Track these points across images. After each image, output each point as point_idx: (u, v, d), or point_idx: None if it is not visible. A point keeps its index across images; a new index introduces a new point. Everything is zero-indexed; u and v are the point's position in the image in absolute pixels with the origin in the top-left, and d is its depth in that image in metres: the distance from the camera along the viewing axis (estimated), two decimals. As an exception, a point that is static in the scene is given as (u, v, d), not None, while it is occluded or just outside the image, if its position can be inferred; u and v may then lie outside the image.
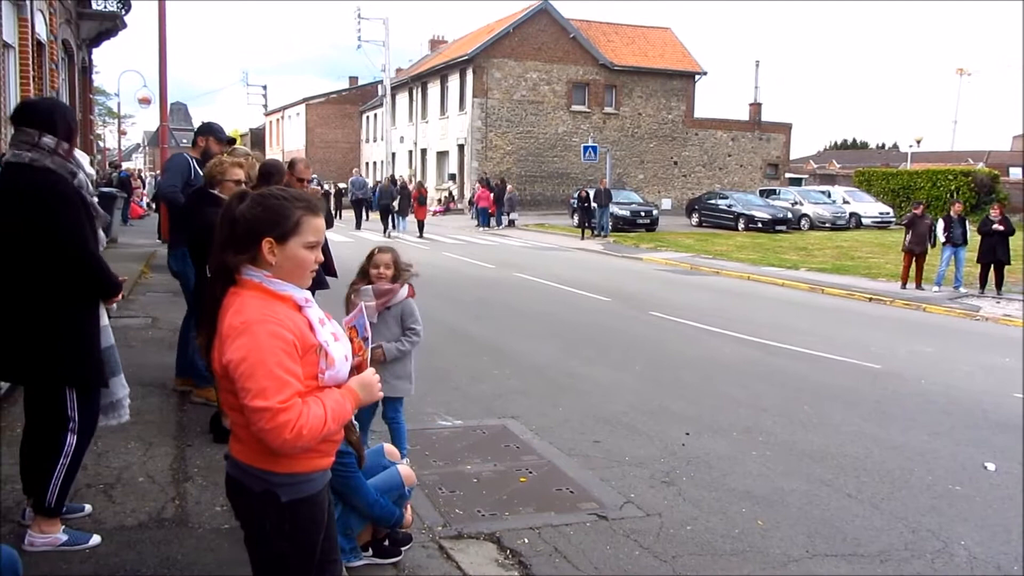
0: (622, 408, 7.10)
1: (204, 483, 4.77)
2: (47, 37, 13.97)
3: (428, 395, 7.02)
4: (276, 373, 2.18)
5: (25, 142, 3.60)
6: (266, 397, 2.16)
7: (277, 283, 2.31)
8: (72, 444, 3.79)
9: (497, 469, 5.39)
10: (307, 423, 2.19)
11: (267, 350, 2.20)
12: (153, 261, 14.25)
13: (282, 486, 2.34)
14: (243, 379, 2.18)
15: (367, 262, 4.88)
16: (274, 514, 2.36)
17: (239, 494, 2.43)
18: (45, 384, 3.76)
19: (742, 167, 45.41)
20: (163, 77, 17.99)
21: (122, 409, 4.15)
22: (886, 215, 33.37)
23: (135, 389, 6.33)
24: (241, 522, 2.50)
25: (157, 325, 9.03)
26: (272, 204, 2.32)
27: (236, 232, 2.32)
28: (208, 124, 6.67)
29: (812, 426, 6.84)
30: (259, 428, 2.18)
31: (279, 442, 2.19)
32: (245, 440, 2.34)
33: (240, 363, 2.19)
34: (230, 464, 2.44)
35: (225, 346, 2.23)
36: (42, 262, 3.61)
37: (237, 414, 2.31)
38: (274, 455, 2.29)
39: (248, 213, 2.31)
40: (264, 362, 2.18)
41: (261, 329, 2.22)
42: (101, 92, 42.91)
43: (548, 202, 40.42)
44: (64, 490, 3.83)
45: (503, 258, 20.16)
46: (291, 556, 2.41)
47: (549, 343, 9.87)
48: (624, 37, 44.52)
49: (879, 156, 72.48)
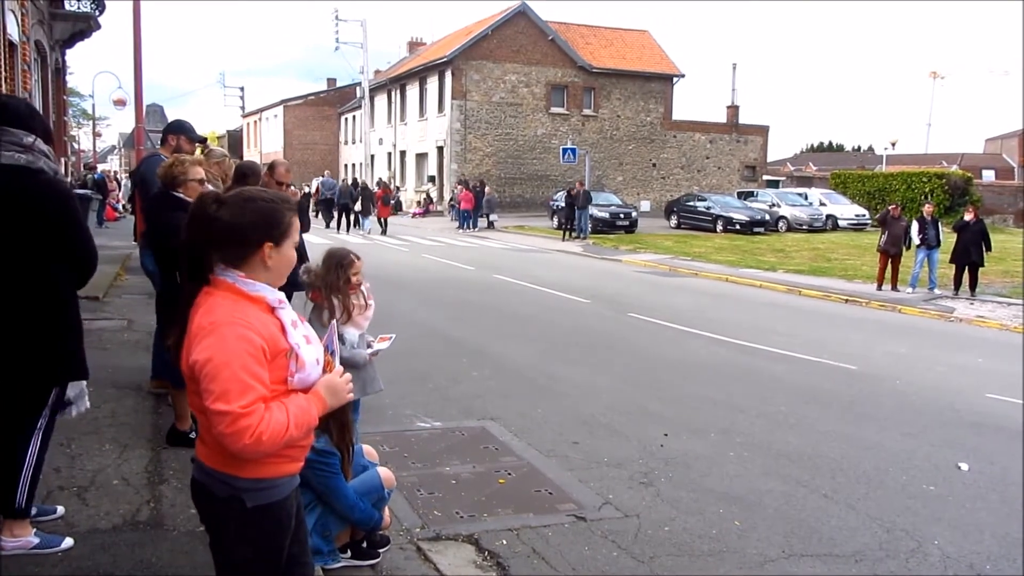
0: (601, 409, 7.12)
1: (179, 486, 4.72)
2: (19, 38, 13.80)
3: (407, 397, 7.01)
4: (240, 376, 2.15)
5: (14, 143, 3.58)
6: (228, 401, 2.13)
7: (250, 284, 2.29)
8: (37, 445, 3.75)
9: (476, 471, 5.38)
10: (267, 429, 2.16)
11: (233, 352, 2.16)
12: (128, 263, 14.11)
13: (247, 491, 2.31)
14: (207, 380, 2.15)
15: (345, 271, 4.36)
16: (238, 519, 2.32)
17: (204, 498, 2.39)
18: (37, 384, 3.72)
19: (720, 169, 45.69)
20: (138, 78, 17.82)
21: (84, 396, 4.10)
22: (862, 217, 33.69)
23: (110, 391, 6.31)
24: (206, 526, 2.48)
25: (132, 327, 8.95)
26: (265, 208, 2.30)
27: (225, 236, 2.27)
28: (178, 122, 6.60)
29: (789, 427, 6.89)
30: (219, 432, 2.15)
31: (238, 447, 2.15)
32: (210, 444, 2.30)
33: (205, 364, 2.16)
34: (196, 468, 2.40)
35: (192, 346, 2.21)
36: (47, 262, 3.62)
37: (203, 416, 2.26)
38: (238, 460, 2.25)
39: (242, 218, 2.27)
40: (229, 364, 2.15)
41: (229, 331, 2.19)
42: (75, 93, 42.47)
43: (528, 204, 40.47)
44: (32, 491, 3.78)
45: (483, 260, 20.15)
46: (255, 562, 2.38)
47: (528, 345, 9.88)
48: (602, 39, 44.68)
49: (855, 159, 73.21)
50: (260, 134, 65.40)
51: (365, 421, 5.61)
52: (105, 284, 11.26)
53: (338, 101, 59.01)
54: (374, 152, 48.09)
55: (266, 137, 63.48)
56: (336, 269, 4.28)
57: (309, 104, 59.88)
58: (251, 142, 67.76)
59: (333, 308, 4.22)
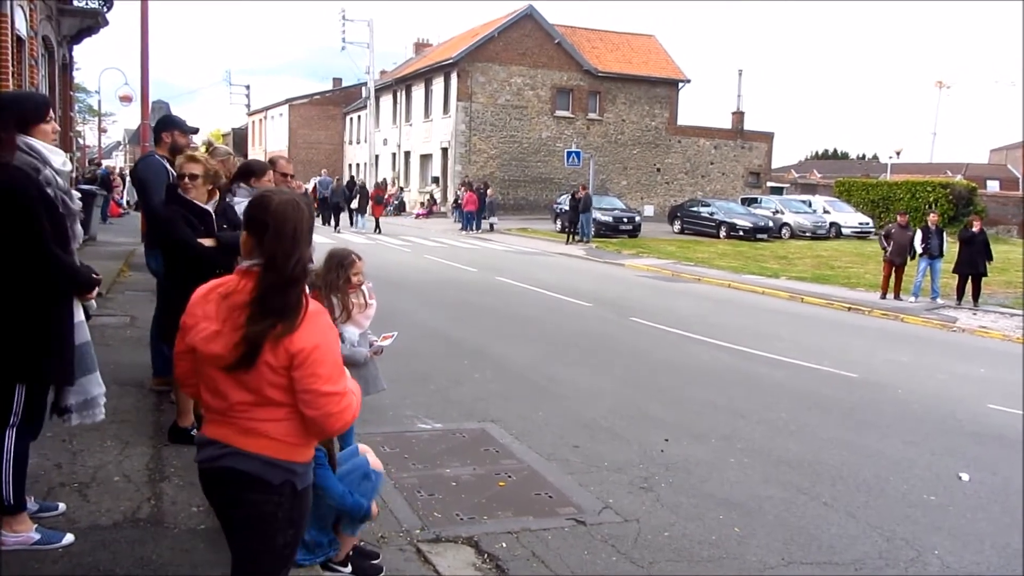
0: (602, 413, 7.12)
1: (181, 483, 4.74)
2: (27, 33, 13.83)
3: (408, 398, 7.01)
4: (338, 360, 2.45)
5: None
6: (335, 382, 2.40)
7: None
8: (12, 443, 3.71)
9: (476, 473, 5.38)
10: (357, 406, 2.49)
11: (331, 339, 2.44)
12: (132, 259, 14.13)
13: (298, 475, 2.52)
14: (315, 365, 2.36)
15: (346, 270, 4.39)
16: (289, 503, 2.51)
17: (256, 489, 2.47)
18: (4, 382, 3.67)
19: (724, 175, 45.67)
20: (145, 75, 17.86)
21: (97, 408, 4.08)
22: (866, 225, 33.65)
23: (112, 388, 6.27)
24: (248, 517, 2.52)
25: (135, 324, 8.96)
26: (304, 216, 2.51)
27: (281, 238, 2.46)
28: (168, 118, 6.57)
29: (790, 433, 6.89)
30: (325, 412, 2.38)
31: (341, 423, 2.43)
32: (274, 435, 2.45)
33: (313, 351, 2.36)
34: (239, 459, 2.45)
35: (295, 337, 2.35)
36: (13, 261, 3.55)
37: (264, 410, 2.41)
38: (296, 446, 2.48)
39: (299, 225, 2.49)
40: (332, 349, 2.42)
41: (322, 320, 2.45)
42: (82, 89, 42.45)
43: (531, 207, 40.47)
44: (19, 486, 3.76)
45: (485, 262, 20.16)
46: (293, 544, 2.61)
47: (530, 347, 9.88)
48: (608, 44, 44.69)
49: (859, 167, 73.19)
50: (265, 133, 65.45)
51: (366, 421, 5.63)
52: (108, 280, 11.27)
53: (343, 101, 59.05)
54: (379, 152, 48.08)
55: (271, 136, 63.54)
56: (336, 269, 4.33)
57: (314, 103, 59.93)
58: (256, 140, 67.82)
59: (332, 307, 4.23)
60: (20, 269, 3.57)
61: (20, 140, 3.61)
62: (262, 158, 25.41)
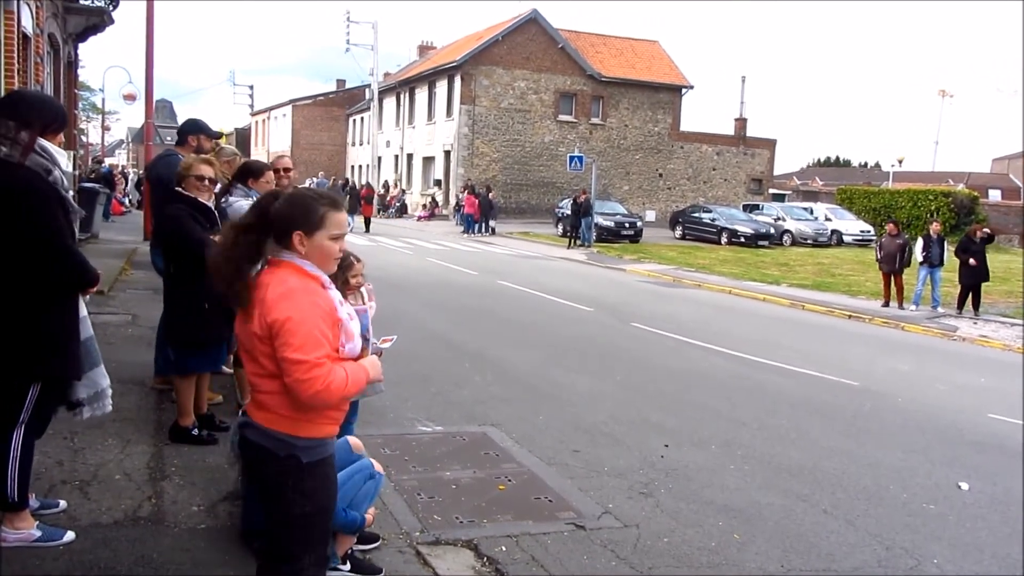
0: (602, 418, 7.12)
1: (181, 482, 4.75)
2: (33, 30, 13.86)
3: (408, 400, 7.02)
4: (314, 333, 2.56)
5: (1, 135, 3.56)
6: (305, 352, 2.52)
7: (309, 264, 2.69)
8: (19, 440, 3.74)
9: (476, 476, 5.38)
10: (333, 381, 2.56)
11: (308, 313, 2.57)
12: (134, 258, 14.15)
13: (304, 449, 2.68)
14: (287, 335, 2.53)
15: (344, 272, 4.32)
16: (296, 475, 2.67)
17: (262, 460, 2.72)
18: (15, 380, 3.71)
19: (726, 181, 45.68)
20: (149, 75, 17.92)
21: (105, 399, 4.12)
22: (867, 233, 33.67)
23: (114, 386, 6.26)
24: (262, 488, 2.81)
25: (137, 322, 8.97)
26: (300, 202, 2.71)
27: (273, 224, 2.69)
28: (196, 122, 6.62)
29: (790, 441, 6.89)
30: (294, 379, 2.53)
31: (309, 393, 2.54)
32: (273, 408, 2.67)
33: (285, 322, 2.54)
34: (253, 431, 2.72)
35: (271, 309, 2.57)
36: (18, 257, 3.57)
37: (267, 381, 2.65)
38: (299, 420, 2.65)
39: (282, 210, 2.69)
40: (305, 322, 2.55)
41: (304, 297, 2.60)
42: (86, 87, 42.56)
43: (533, 210, 40.48)
44: (23, 484, 3.78)
45: (487, 265, 20.17)
46: (312, 515, 2.73)
47: (531, 351, 9.88)
48: (612, 49, 44.73)
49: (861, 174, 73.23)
50: (268, 133, 65.49)
51: (366, 423, 5.63)
52: (110, 278, 11.28)
53: (347, 102, 59.08)
54: (381, 154, 48.12)
55: (274, 136, 63.57)
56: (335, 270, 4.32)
57: (318, 104, 59.96)
58: (259, 141, 67.85)
59: None
60: (33, 267, 3.59)
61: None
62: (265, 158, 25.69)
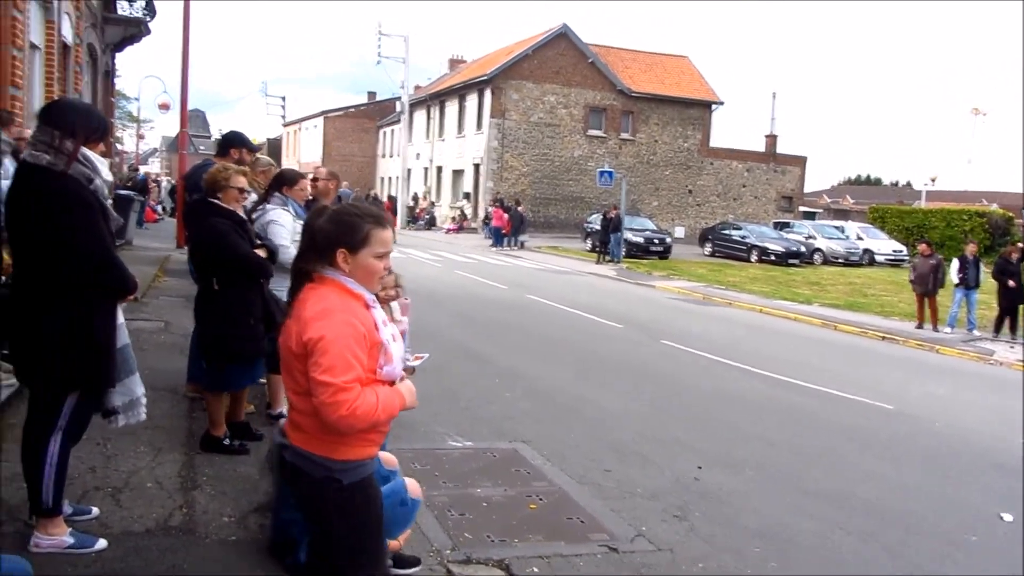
0: (633, 437, 7.03)
1: (212, 492, 4.73)
2: (72, 40, 14.08)
3: (438, 415, 6.97)
4: (345, 355, 2.51)
5: (44, 142, 3.57)
6: (333, 374, 2.48)
7: (352, 282, 2.67)
8: (56, 448, 3.74)
9: (507, 494, 5.32)
10: (361, 406, 2.51)
11: (341, 334, 2.53)
12: (167, 265, 14.27)
13: (342, 471, 2.65)
14: (317, 354, 2.51)
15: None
16: (336, 497, 2.65)
17: (299, 480, 2.70)
18: (52, 389, 3.73)
19: (756, 198, 45.39)
20: (185, 85, 18.13)
21: (140, 407, 4.13)
22: (900, 253, 33.27)
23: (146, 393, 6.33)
24: (303, 509, 2.80)
25: (169, 329, 9.02)
26: (345, 219, 2.68)
27: (316, 242, 2.68)
28: (238, 135, 6.66)
29: (825, 465, 6.76)
30: (320, 400, 2.49)
31: (334, 417, 2.49)
32: (308, 429, 2.64)
33: (318, 340, 2.51)
34: (291, 453, 2.70)
35: (307, 327, 2.55)
36: (60, 265, 3.59)
37: (302, 399, 2.62)
38: (333, 442, 2.62)
39: (326, 227, 2.67)
40: (337, 342, 2.51)
41: (340, 317, 2.57)
42: (122, 96, 43.24)
43: (562, 225, 40.44)
44: (58, 490, 3.78)
45: (516, 279, 20.14)
46: (355, 533, 2.72)
47: (561, 367, 9.82)
48: (642, 64, 44.69)
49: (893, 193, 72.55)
50: (299, 143, 66.12)
51: (397, 437, 5.59)
52: (144, 285, 11.38)
53: (377, 114, 59.51)
54: (411, 167, 48.36)
55: (305, 147, 64.15)
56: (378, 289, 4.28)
57: (349, 116, 60.44)
58: (290, 151, 68.51)
59: None
60: (75, 275, 3.61)
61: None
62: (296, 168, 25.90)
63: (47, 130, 3.60)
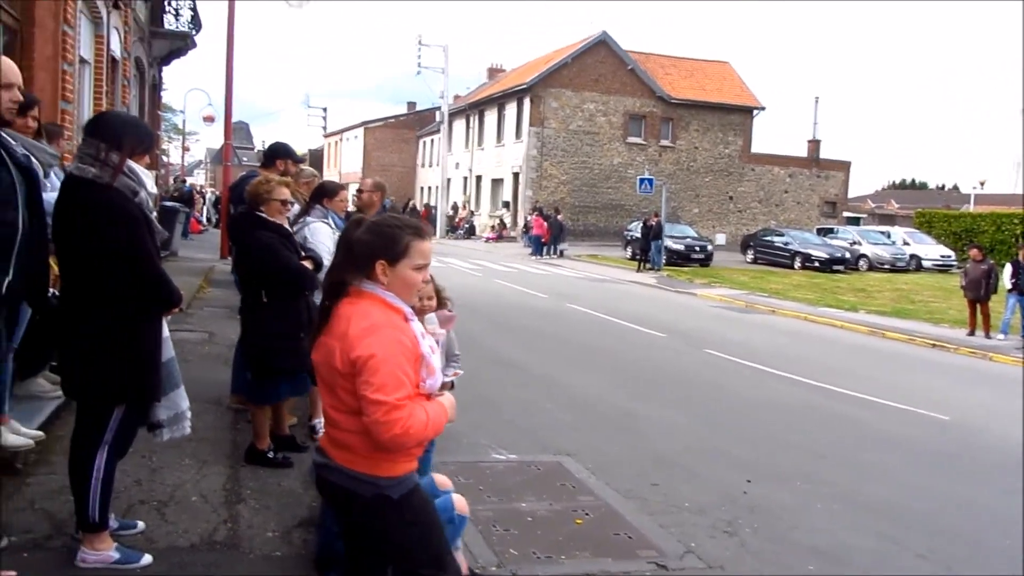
0: (679, 449, 6.91)
1: (257, 506, 4.72)
2: (121, 54, 14.35)
3: (480, 427, 6.91)
4: (396, 373, 2.48)
5: (90, 155, 3.57)
6: (386, 392, 2.45)
7: (392, 296, 2.62)
8: (103, 462, 3.74)
9: (552, 508, 5.24)
10: (413, 424, 2.47)
11: (391, 351, 2.50)
12: (212, 276, 14.43)
13: (390, 487, 2.62)
14: (369, 373, 2.46)
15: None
16: (391, 511, 2.63)
17: (350, 503, 2.68)
18: (99, 403, 3.74)
19: (799, 204, 44.80)
20: (229, 98, 18.37)
21: (185, 421, 4.12)
22: (948, 258, 32.56)
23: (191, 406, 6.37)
24: (356, 529, 2.76)
25: (214, 340, 9.09)
26: (384, 231, 2.64)
27: (353, 254, 2.64)
28: (284, 146, 6.69)
29: (877, 478, 6.56)
30: (374, 419, 2.45)
31: (388, 436, 2.46)
32: (355, 448, 2.60)
33: (369, 359, 2.47)
34: (333, 473, 2.66)
35: (355, 345, 2.50)
36: (106, 278, 3.60)
37: (347, 417, 2.57)
38: (379, 460, 2.59)
39: (364, 238, 2.63)
40: (388, 361, 2.48)
41: (388, 333, 2.53)
42: (168, 109, 44.01)
43: (601, 233, 40.25)
44: (104, 505, 3.78)
45: (556, 288, 20.05)
46: (423, 537, 2.70)
47: (603, 377, 9.71)
48: (682, 70, 44.39)
49: (939, 197, 71.18)
50: (340, 154, 66.79)
51: (441, 449, 5.52)
52: (189, 296, 11.50)
53: (417, 124, 59.88)
54: (450, 176, 48.54)
55: (346, 157, 64.78)
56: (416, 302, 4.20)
57: (389, 126, 60.91)
58: (331, 162, 69.23)
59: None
60: (121, 288, 3.62)
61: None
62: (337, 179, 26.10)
63: (93, 143, 3.61)
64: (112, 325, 3.63)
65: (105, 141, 3.59)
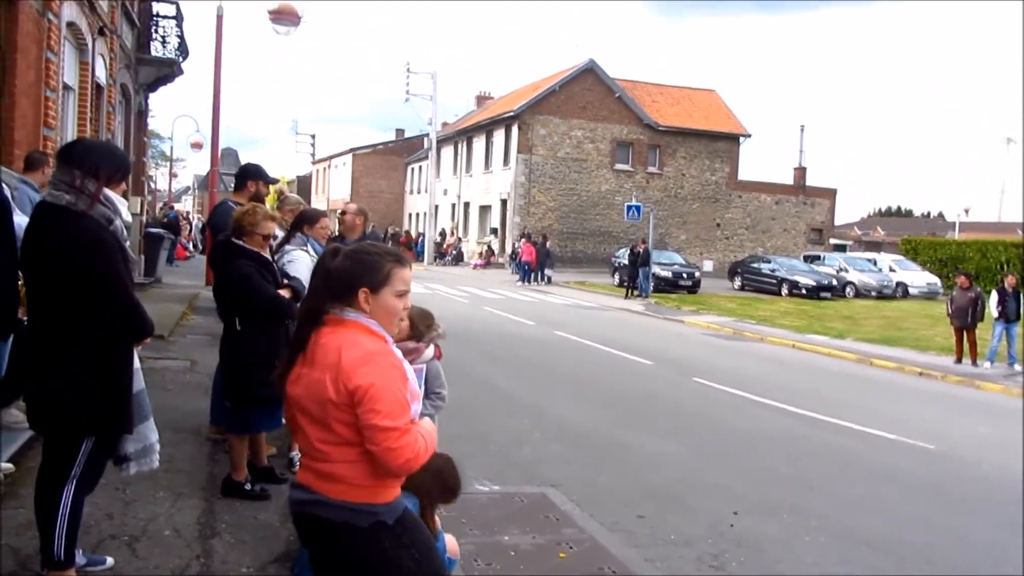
0: (667, 480, 6.81)
1: (232, 540, 4.59)
2: (106, 81, 14.29)
3: (467, 458, 6.71)
4: (399, 398, 2.46)
5: (65, 182, 3.49)
6: (394, 418, 2.42)
7: (374, 323, 2.57)
8: (70, 497, 3.63)
9: (536, 542, 5.12)
10: (422, 447, 2.49)
11: (391, 378, 2.47)
12: (196, 303, 14.29)
13: (383, 513, 2.57)
14: (372, 402, 2.41)
15: (427, 327, 4.26)
16: (388, 536, 2.58)
17: (347, 535, 2.56)
18: (69, 434, 3.62)
19: (786, 231, 45.01)
20: (216, 125, 18.35)
21: (153, 454, 4.00)
22: (934, 285, 32.68)
23: (169, 435, 6.21)
24: (355, 563, 2.61)
25: (195, 369, 8.95)
26: (365, 259, 2.60)
27: (333, 281, 2.58)
28: (255, 167, 6.60)
29: (867, 509, 6.48)
30: (384, 447, 2.42)
31: (400, 461, 2.44)
32: (350, 479, 2.52)
33: (369, 388, 2.42)
34: (323, 508, 2.55)
35: (351, 375, 2.43)
36: (78, 307, 3.50)
37: (342, 449, 2.48)
38: (377, 488, 2.54)
39: (344, 266, 2.58)
40: (390, 387, 2.45)
41: (384, 360, 2.50)
42: (155, 135, 43.99)
43: (589, 260, 40.29)
44: (71, 542, 3.65)
45: (544, 315, 19.97)
46: (423, 556, 2.66)
47: (591, 406, 9.61)
48: (669, 98, 44.73)
49: (925, 224, 71.75)
50: (328, 181, 66.80)
51: (423, 481, 5.42)
52: (171, 323, 11.37)
53: (405, 151, 60.05)
54: (438, 202, 48.56)
55: (334, 184, 64.79)
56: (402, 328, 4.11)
57: (377, 153, 61.04)
58: (319, 188, 69.24)
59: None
60: (93, 317, 3.52)
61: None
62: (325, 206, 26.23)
63: (68, 170, 3.52)
64: (84, 354, 3.53)
65: (81, 169, 3.51)
